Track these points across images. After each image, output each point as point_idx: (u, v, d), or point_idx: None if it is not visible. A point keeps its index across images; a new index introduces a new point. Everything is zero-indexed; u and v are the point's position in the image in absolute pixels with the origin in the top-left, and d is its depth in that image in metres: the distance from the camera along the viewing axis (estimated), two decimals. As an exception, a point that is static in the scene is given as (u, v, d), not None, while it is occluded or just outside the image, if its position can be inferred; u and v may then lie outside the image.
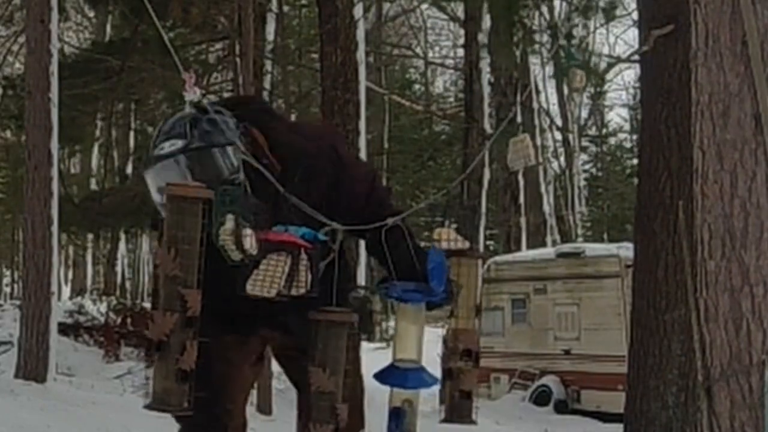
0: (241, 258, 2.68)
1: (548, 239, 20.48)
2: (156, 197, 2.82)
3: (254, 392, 9.03)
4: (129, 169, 19.72)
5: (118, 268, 25.38)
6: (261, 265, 2.74)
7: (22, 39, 13.67)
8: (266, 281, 2.74)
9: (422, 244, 3.16)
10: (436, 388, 3.17)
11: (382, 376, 3.04)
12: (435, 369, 3.15)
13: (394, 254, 3.00)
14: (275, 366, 3.43)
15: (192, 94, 2.82)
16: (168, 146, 2.82)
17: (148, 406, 2.66)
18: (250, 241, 2.67)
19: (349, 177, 3.06)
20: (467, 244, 3.15)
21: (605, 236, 28.31)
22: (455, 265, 3.10)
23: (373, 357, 3.18)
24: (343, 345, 2.83)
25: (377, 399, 3.39)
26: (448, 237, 3.12)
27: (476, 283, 3.16)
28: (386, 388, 3.05)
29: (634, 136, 31.72)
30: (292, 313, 2.92)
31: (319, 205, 2.95)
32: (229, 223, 2.66)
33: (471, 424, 3.14)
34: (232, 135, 2.85)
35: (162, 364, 2.61)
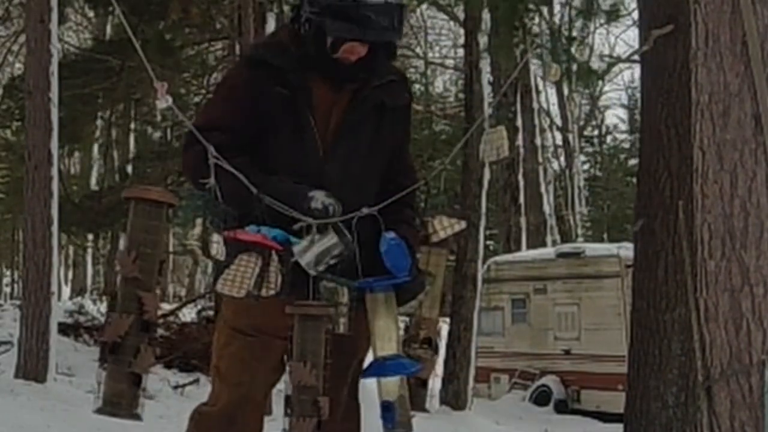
0: (208, 261, 2.69)
1: (548, 239, 20.47)
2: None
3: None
4: (129, 169, 19.69)
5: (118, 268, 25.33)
6: (232, 264, 2.75)
7: (22, 39, 13.67)
8: (236, 281, 2.74)
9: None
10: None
11: (363, 373, 3.04)
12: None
13: (363, 245, 2.98)
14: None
15: (164, 102, 2.85)
16: None
17: (98, 410, 2.64)
18: (216, 247, 2.68)
19: (408, 134, 3.28)
20: (463, 224, 3.15)
21: (605, 236, 28.31)
22: (425, 254, 3.11)
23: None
24: (321, 338, 2.81)
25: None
26: (441, 225, 3.12)
27: (443, 273, 3.17)
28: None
29: (632, 136, 31.75)
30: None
31: (386, 110, 3.09)
32: (198, 227, 2.66)
33: (423, 412, 3.16)
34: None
35: (115, 366, 2.58)
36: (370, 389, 3.16)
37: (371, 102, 3.07)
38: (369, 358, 3.09)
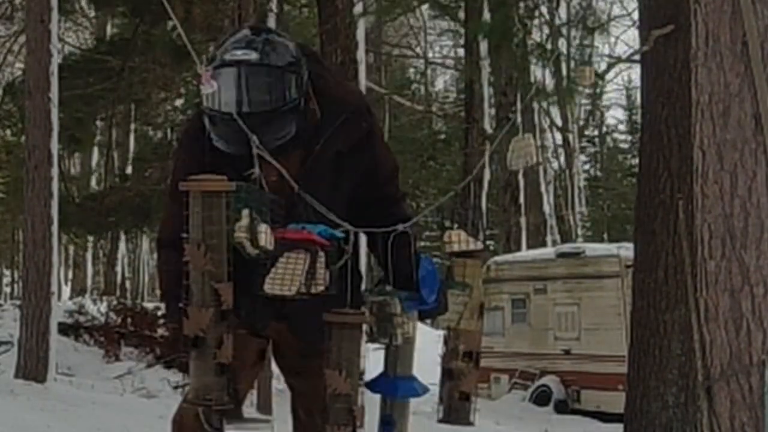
0: (257, 253, 2.67)
1: (548, 239, 20.49)
2: (207, 89, 2.81)
3: (254, 392, 9.03)
4: (129, 170, 19.70)
5: (118, 268, 25.37)
6: (279, 263, 2.72)
7: (22, 39, 13.67)
8: (285, 280, 2.71)
9: (423, 244, 3.15)
10: (436, 388, 3.16)
11: (372, 385, 3.03)
12: (435, 368, 3.13)
13: (394, 259, 2.99)
14: (275, 366, 3.41)
15: (209, 87, 2.82)
16: (240, 54, 2.83)
17: (190, 402, 2.64)
18: (265, 237, 2.65)
19: (377, 151, 3.09)
20: (479, 245, 3.15)
21: (605, 236, 28.32)
22: (461, 266, 3.10)
23: (373, 357, 3.16)
24: (357, 347, 2.81)
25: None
26: (459, 239, 3.12)
27: (479, 284, 3.16)
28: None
29: (631, 137, 31.75)
30: (302, 312, 2.91)
31: (344, 156, 2.97)
32: (245, 219, 2.64)
33: (468, 425, 3.14)
34: (297, 63, 2.88)
35: (200, 360, 2.60)
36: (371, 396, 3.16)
37: (325, 158, 2.95)
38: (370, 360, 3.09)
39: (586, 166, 33.35)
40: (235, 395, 3.03)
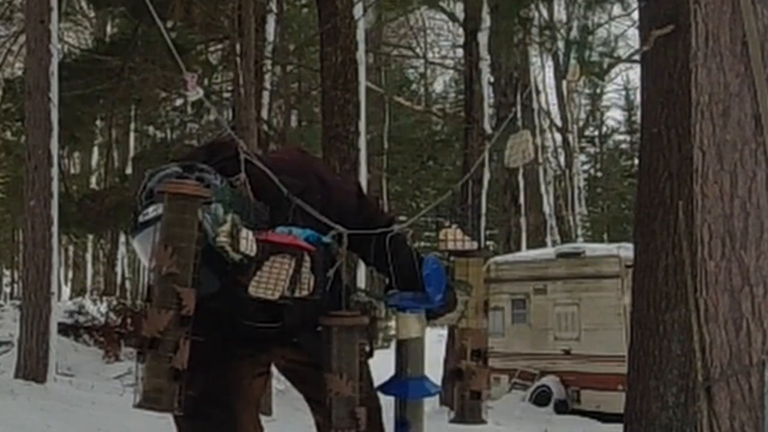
0: (240, 258, 2.66)
1: (548, 239, 20.49)
2: (145, 262, 2.72)
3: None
4: (129, 170, 19.71)
5: (118, 268, 25.36)
6: (264, 267, 2.71)
7: (22, 39, 13.67)
8: (270, 283, 2.71)
9: (423, 244, 3.15)
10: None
11: (384, 388, 3.04)
12: (437, 368, 3.13)
13: (395, 261, 2.99)
14: (275, 367, 3.41)
15: (195, 93, 2.80)
16: (152, 211, 2.68)
17: (138, 405, 2.64)
18: (246, 243, 2.64)
19: (336, 199, 3.01)
20: (474, 245, 3.14)
21: (605, 236, 28.34)
22: (463, 265, 3.09)
23: (376, 358, 3.16)
24: (356, 349, 2.80)
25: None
26: (454, 237, 3.11)
27: (482, 282, 3.16)
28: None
29: (630, 137, 31.78)
30: (304, 330, 2.92)
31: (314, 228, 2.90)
32: (228, 223, 2.64)
33: (481, 423, 3.15)
34: (216, 194, 2.72)
35: (154, 362, 2.58)
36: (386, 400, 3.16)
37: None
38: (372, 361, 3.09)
39: (586, 167, 33.37)
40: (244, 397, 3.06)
